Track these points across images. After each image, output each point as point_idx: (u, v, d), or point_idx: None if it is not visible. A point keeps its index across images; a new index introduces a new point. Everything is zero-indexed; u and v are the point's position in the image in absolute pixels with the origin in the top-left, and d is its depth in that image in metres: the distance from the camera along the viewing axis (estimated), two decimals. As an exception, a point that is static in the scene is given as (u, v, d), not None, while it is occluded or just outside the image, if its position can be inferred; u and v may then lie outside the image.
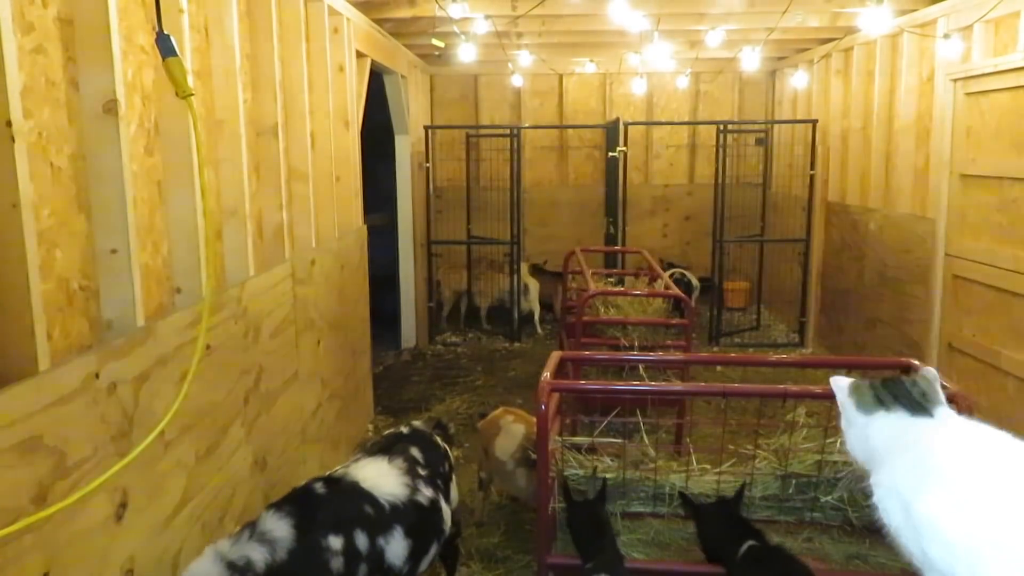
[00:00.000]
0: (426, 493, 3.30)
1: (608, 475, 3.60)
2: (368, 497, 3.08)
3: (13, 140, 2.10)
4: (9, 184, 2.11)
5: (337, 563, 2.83)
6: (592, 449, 3.71)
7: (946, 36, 5.68)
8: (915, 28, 6.32)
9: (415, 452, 3.51)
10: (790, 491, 3.49)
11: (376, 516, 3.05)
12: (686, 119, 10.57)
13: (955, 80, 5.78)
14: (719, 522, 3.26)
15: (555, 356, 3.87)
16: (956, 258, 5.83)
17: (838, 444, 3.43)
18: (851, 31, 7.47)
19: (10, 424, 1.99)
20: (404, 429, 3.73)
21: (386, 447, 3.51)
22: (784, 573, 2.97)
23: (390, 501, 3.12)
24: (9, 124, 2.10)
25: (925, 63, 6.34)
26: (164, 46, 2.58)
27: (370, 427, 6.34)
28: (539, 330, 9.47)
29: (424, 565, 3.32)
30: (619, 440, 3.69)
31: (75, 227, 2.58)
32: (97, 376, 2.36)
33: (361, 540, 2.94)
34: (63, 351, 2.46)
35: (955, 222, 5.87)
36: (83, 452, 2.29)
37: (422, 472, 3.41)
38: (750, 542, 3.07)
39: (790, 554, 3.08)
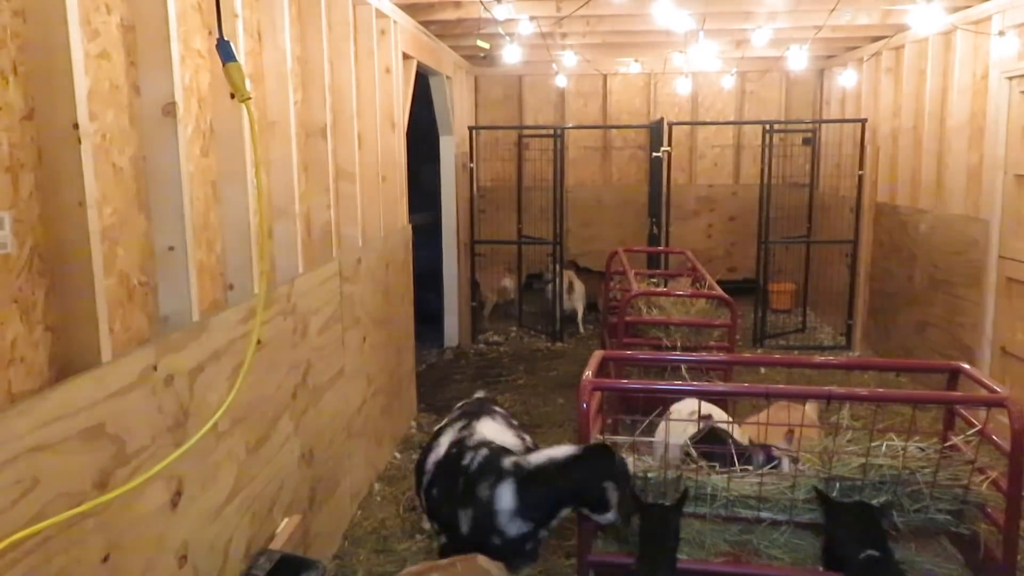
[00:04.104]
0: (528, 441, 3.77)
1: (649, 474, 3.61)
2: (506, 450, 3.50)
3: (80, 141, 2.21)
4: (76, 183, 2.22)
5: None
6: (633, 448, 3.72)
7: (1001, 33, 5.57)
8: (969, 25, 6.18)
9: (501, 411, 4.00)
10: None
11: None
12: (731, 119, 10.47)
13: (1010, 78, 5.65)
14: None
15: (597, 355, 3.89)
16: (1010, 260, 5.69)
17: (883, 447, 3.39)
18: (902, 29, 7.33)
19: (75, 412, 2.09)
20: (480, 394, 4.28)
21: (478, 411, 3.88)
22: None
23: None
24: (76, 126, 2.20)
25: (979, 61, 6.20)
26: (224, 52, 2.66)
27: (413, 424, 6.42)
28: (581, 330, 9.47)
29: None
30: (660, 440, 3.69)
31: (135, 225, 2.69)
32: (155, 368, 2.46)
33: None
34: (123, 344, 2.57)
35: (1009, 223, 5.73)
36: (142, 441, 2.39)
37: (515, 424, 3.95)
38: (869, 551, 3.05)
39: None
